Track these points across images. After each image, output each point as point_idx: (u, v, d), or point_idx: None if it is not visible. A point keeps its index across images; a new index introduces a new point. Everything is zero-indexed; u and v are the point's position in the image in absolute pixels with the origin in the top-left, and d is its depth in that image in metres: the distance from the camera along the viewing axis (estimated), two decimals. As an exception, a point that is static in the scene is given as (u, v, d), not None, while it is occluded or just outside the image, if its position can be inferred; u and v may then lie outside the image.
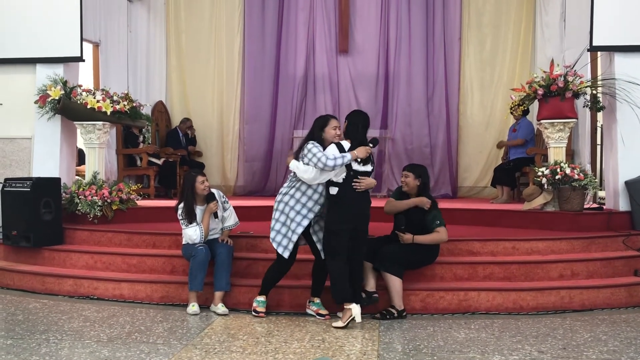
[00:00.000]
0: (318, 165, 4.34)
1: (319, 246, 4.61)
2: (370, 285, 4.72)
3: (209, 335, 4.20)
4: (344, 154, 4.37)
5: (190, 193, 4.98)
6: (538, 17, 9.07)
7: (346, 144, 4.45)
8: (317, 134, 4.57)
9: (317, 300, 4.75)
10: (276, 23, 9.89)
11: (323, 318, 4.63)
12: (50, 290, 5.47)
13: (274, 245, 4.57)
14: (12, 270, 5.75)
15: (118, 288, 5.26)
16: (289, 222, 4.53)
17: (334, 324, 4.44)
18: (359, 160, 4.44)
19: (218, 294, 4.85)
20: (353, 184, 4.42)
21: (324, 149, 4.45)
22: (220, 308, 4.78)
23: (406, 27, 9.65)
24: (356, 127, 4.56)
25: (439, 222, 4.78)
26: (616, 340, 4.09)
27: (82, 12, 6.79)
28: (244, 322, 4.57)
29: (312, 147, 4.43)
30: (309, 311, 4.76)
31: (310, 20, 9.87)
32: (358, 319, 4.38)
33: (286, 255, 4.53)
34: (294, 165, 4.53)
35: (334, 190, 4.44)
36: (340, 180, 4.44)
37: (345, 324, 4.37)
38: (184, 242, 5.07)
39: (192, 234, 4.93)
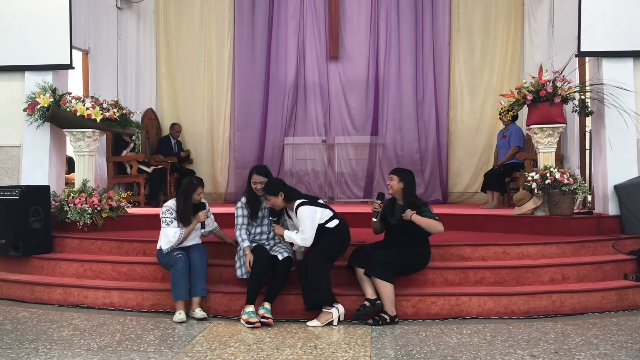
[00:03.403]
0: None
1: (280, 257, 4.83)
2: (370, 293, 4.72)
3: (200, 342, 4.17)
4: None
5: (189, 200, 5.03)
6: (526, 23, 9.14)
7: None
8: (248, 182, 5.07)
9: (267, 305, 4.70)
10: (266, 30, 9.91)
11: (266, 320, 4.59)
12: (39, 299, 5.42)
13: (242, 277, 4.96)
14: (1, 280, 5.68)
15: (108, 296, 5.23)
16: (240, 255, 4.98)
17: (310, 323, 4.59)
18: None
19: (195, 300, 4.86)
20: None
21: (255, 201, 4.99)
22: (199, 313, 4.78)
23: (396, 33, 9.70)
24: (289, 191, 4.92)
25: (437, 218, 4.82)
26: (607, 343, 4.10)
27: (71, 19, 6.77)
28: (236, 329, 4.54)
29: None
30: None
31: (300, 27, 9.90)
32: (336, 322, 4.61)
33: (245, 276, 4.88)
34: (288, 236, 4.83)
35: (334, 224, 4.84)
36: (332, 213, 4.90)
37: (323, 324, 4.57)
38: (158, 247, 5.04)
39: (171, 234, 4.94)
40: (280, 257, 4.82)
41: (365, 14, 9.78)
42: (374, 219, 5.06)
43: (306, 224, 4.72)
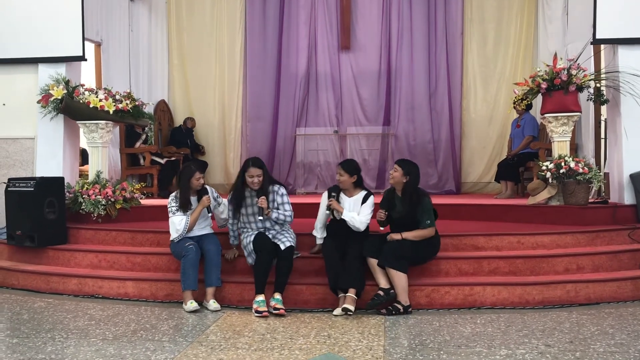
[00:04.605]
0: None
1: (282, 247, 4.85)
2: (383, 282, 4.70)
3: (215, 332, 4.20)
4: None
5: (187, 185, 5.03)
6: (540, 11, 9.04)
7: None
8: (238, 176, 5.08)
9: (278, 296, 4.72)
10: (277, 21, 9.88)
11: (278, 311, 4.61)
12: (54, 289, 5.47)
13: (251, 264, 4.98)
14: (17, 270, 5.75)
15: (123, 286, 5.27)
16: (245, 244, 5.02)
17: (346, 305, 4.53)
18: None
19: (209, 290, 4.88)
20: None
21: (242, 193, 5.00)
22: (212, 304, 4.80)
23: (408, 22, 9.63)
24: (361, 178, 5.12)
25: (429, 222, 4.80)
26: (623, 333, 4.07)
27: (83, 11, 6.79)
28: (249, 319, 4.56)
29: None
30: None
31: (311, 17, 9.86)
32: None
33: (251, 261, 4.94)
34: (350, 215, 4.92)
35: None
36: None
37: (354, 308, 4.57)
38: (171, 239, 5.07)
39: (177, 222, 4.96)
40: (282, 247, 4.84)
41: (377, 3, 9.72)
42: (381, 228, 5.01)
43: (369, 212, 4.96)
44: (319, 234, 5.15)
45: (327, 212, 5.04)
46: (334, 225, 5.06)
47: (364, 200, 4.99)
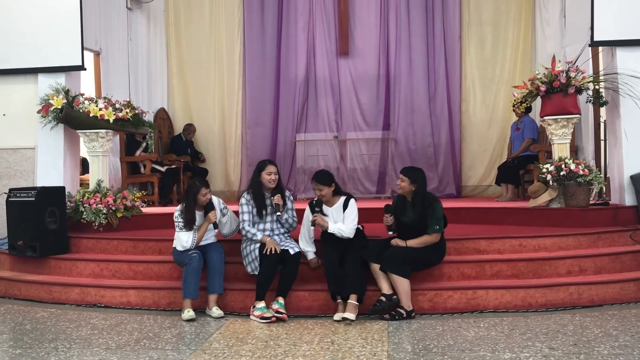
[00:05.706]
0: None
1: (292, 251, 4.86)
2: (385, 288, 4.69)
3: (218, 340, 4.19)
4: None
5: (193, 201, 5.01)
6: (538, 13, 9.07)
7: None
8: (255, 177, 5.06)
9: (281, 300, 4.74)
10: (276, 27, 9.91)
11: (281, 315, 4.62)
12: (57, 299, 5.47)
13: (252, 273, 4.96)
14: (19, 280, 5.75)
15: (125, 295, 5.26)
16: (248, 251, 4.97)
17: (346, 315, 4.52)
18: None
19: (212, 297, 4.87)
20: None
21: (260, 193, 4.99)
22: (215, 311, 4.79)
23: (406, 27, 9.65)
24: (337, 184, 5.09)
25: (437, 227, 4.78)
26: (627, 335, 4.06)
27: (82, 21, 6.81)
28: (252, 326, 4.55)
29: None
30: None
31: (310, 23, 9.88)
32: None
33: (257, 272, 4.88)
34: (337, 227, 4.88)
35: (359, 227, 5.05)
36: None
37: (355, 316, 4.56)
38: (174, 246, 5.07)
39: (184, 239, 4.95)
40: (291, 252, 4.85)
41: (375, 8, 9.74)
42: (390, 233, 4.97)
43: (354, 217, 4.91)
44: (310, 247, 5.07)
45: (312, 227, 5.01)
46: (329, 232, 5.01)
47: (345, 206, 4.95)
